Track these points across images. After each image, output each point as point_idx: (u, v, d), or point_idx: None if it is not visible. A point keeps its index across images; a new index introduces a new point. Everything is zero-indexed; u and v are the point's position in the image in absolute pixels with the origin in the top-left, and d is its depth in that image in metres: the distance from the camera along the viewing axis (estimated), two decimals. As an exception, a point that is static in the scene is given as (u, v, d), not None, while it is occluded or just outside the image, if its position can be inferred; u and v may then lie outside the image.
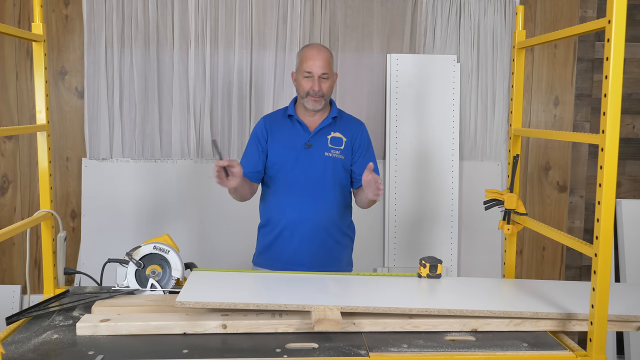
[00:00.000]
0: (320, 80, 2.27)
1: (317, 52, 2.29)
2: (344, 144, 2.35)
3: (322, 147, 2.33)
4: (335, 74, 2.39)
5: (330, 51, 2.34)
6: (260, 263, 2.42)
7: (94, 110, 3.31)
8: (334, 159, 2.33)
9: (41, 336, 1.67)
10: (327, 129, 2.35)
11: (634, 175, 3.68)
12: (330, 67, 2.30)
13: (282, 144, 2.35)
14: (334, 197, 2.34)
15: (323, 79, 2.28)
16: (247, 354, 1.56)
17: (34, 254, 3.35)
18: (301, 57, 2.32)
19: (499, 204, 2.17)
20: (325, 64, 2.27)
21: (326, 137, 2.34)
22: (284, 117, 2.39)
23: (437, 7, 3.41)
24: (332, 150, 2.33)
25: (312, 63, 2.26)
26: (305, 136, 2.34)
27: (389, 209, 3.41)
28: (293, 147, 2.33)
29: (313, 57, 2.27)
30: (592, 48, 3.57)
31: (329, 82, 2.30)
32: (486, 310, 1.74)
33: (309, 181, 2.31)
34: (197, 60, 3.32)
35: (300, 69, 2.31)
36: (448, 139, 3.44)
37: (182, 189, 3.36)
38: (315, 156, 2.32)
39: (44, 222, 2.03)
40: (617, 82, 1.51)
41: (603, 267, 1.56)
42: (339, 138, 2.35)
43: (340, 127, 2.37)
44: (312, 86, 2.27)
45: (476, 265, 3.52)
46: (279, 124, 2.39)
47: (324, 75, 2.27)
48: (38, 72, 2.01)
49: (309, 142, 2.33)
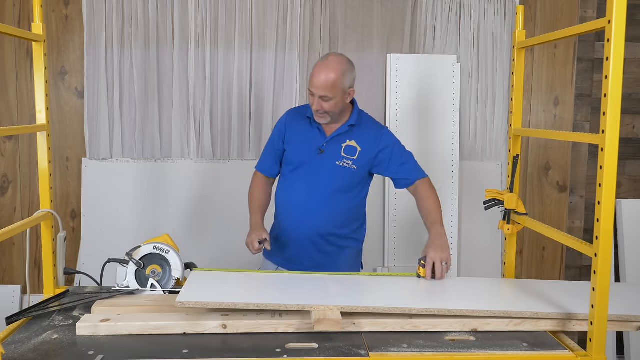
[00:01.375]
0: (320, 100, 2.19)
1: (322, 70, 2.16)
2: (357, 154, 2.29)
3: (334, 156, 2.29)
4: (351, 90, 2.24)
5: (339, 71, 2.18)
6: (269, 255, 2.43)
7: (94, 110, 3.31)
8: (345, 169, 2.29)
9: (41, 336, 1.67)
10: (342, 136, 2.30)
11: (634, 175, 3.68)
12: (333, 90, 2.17)
13: (298, 144, 2.34)
14: (338, 205, 2.32)
15: (324, 100, 2.19)
16: (247, 354, 1.56)
17: (34, 254, 3.35)
18: (312, 69, 2.22)
19: (499, 204, 2.17)
20: (325, 87, 2.16)
21: (340, 145, 2.29)
22: (305, 115, 2.36)
23: (437, 7, 3.41)
24: (345, 160, 2.29)
25: (314, 81, 2.17)
26: (320, 140, 2.31)
27: (389, 209, 3.41)
28: (307, 150, 2.31)
29: (316, 75, 2.17)
30: (592, 48, 3.57)
31: (331, 103, 2.19)
32: (486, 310, 1.74)
33: (315, 186, 2.30)
34: (197, 60, 3.32)
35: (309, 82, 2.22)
36: (448, 139, 3.44)
37: (182, 189, 3.36)
38: (326, 164, 2.29)
39: (44, 222, 2.03)
40: (617, 82, 1.51)
41: (603, 267, 1.56)
42: (354, 147, 2.29)
43: (357, 136, 2.30)
44: (313, 104, 2.22)
45: (476, 265, 3.52)
46: (300, 122, 2.36)
47: (324, 97, 2.18)
48: (38, 72, 2.01)
49: (322, 149, 2.30)
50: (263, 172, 2.45)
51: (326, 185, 2.29)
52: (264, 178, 2.46)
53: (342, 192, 2.31)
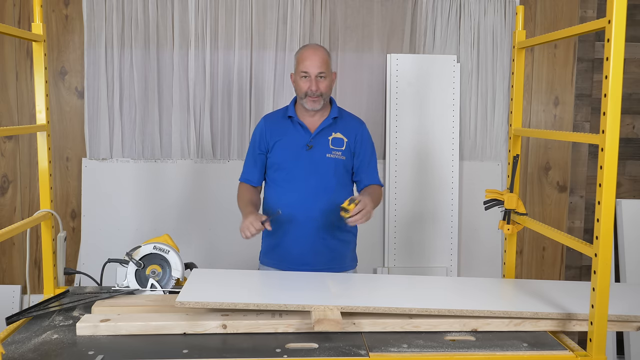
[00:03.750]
0: (317, 80, 2.26)
1: (312, 51, 2.28)
2: (345, 145, 2.35)
3: (323, 149, 2.32)
4: (334, 73, 2.38)
5: (327, 50, 2.34)
6: (267, 262, 2.41)
7: (94, 110, 3.31)
8: (336, 160, 2.33)
9: (41, 336, 1.67)
10: (328, 129, 2.35)
11: (634, 175, 3.68)
12: (327, 66, 2.29)
13: (283, 146, 2.34)
14: (335, 197, 2.32)
15: (320, 78, 2.27)
16: (247, 354, 1.56)
17: (34, 254, 3.35)
18: (298, 58, 2.32)
19: (499, 204, 2.17)
20: (322, 63, 2.26)
21: (327, 138, 2.34)
22: (284, 118, 2.38)
23: (437, 7, 3.41)
24: (334, 152, 2.33)
25: (308, 63, 2.26)
26: (306, 137, 2.33)
27: (389, 209, 3.41)
28: (294, 149, 2.33)
29: (309, 57, 2.27)
30: (592, 48, 3.57)
31: (326, 82, 2.29)
32: (486, 310, 1.74)
33: (310, 182, 2.30)
34: (197, 60, 3.32)
35: (298, 69, 2.31)
36: (448, 139, 3.44)
37: (182, 189, 3.36)
38: (316, 157, 2.31)
39: (44, 222, 2.03)
40: (617, 82, 1.51)
41: (603, 267, 1.56)
42: (340, 139, 2.35)
43: (341, 127, 2.37)
44: (310, 86, 2.26)
45: (476, 265, 3.52)
46: (279, 124, 2.38)
47: (321, 74, 2.26)
48: (38, 72, 2.01)
49: (310, 144, 2.32)
50: (247, 180, 2.42)
51: (320, 179, 2.31)
52: (249, 186, 2.42)
53: (336, 183, 2.33)
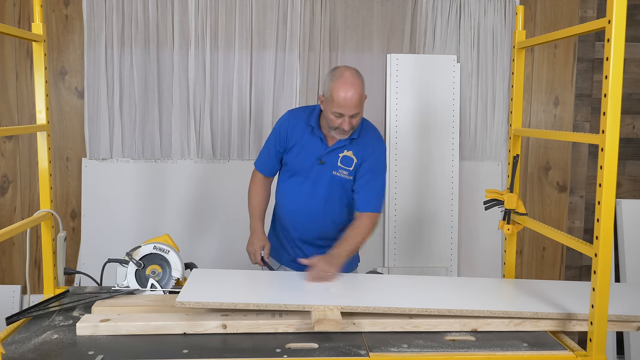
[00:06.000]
0: (351, 119, 2.13)
1: (351, 92, 2.08)
2: (353, 165, 2.27)
3: (331, 166, 2.27)
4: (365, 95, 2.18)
5: (362, 80, 2.15)
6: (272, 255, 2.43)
7: (94, 110, 3.31)
8: (341, 179, 2.28)
9: (41, 336, 1.67)
10: (341, 147, 2.27)
11: (634, 175, 3.68)
12: (361, 104, 2.14)
13: (298, 152, 2.30)
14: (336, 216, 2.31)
15: (354, 117, 2.14)
16: (247, 354, 1.57)
17: (34, 254, 3.35)
18: (333, 90, 2.11)
19: (499, 204, 2.17)
20: (358, 103, 2.11)
21: (338, 155, 2.27)
22: (307, 123, 2.29)
23: (437, 7, 3.41)
24: (341, 170, 2.27)
25: (344, 106, 2.09)
26: (321, 150, 2.27)
27: (389, 209, 3.41)
28: (308, 159, 2.29)
29: (343, 97, 2.08)
30: (592, 48, 3.57)
31: (358, 118, 2.17)
32: (486, 310, 1.74)
33: (313, 196, 2.29)
34: (197, 60, 3.32)
35: (331, 104, 2.12)
36: (448, 139, 3.44)
37: (182, 189, 3.36)
38: (324, 174, 2.28)
39: (44, 222, 2.03)
40: (617, 82, 1.51)
41: (603, 267, 1.56)
42: (350, 158, 2.27)
43: (356, 147, 2.26)
44: (342, 124, 2.14)
45: (476, 265, 3.52)
46: (301, 126, 2.30)
47: (355, 115, 2.13)
48: (38, 72, 2.01)
49: (322, 160, 2.27)
50: (262, 171, 2.43)
51: (324, 194, 2.29)
52: (264, 178, 2.45)
53: (339, 199, 2.30)
